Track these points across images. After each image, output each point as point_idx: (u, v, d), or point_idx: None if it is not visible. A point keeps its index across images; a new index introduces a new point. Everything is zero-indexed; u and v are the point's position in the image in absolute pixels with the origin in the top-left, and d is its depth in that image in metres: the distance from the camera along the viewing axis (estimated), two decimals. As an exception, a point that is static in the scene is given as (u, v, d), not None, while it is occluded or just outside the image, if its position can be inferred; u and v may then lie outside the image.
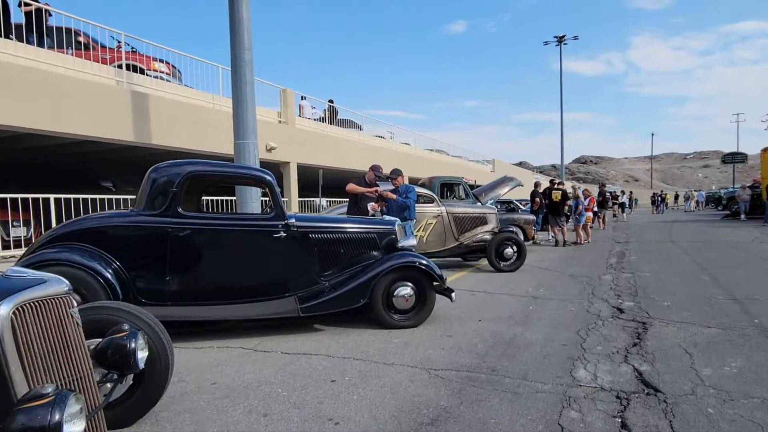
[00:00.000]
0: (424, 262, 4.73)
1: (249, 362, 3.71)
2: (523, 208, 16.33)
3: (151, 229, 4.14)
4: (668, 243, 12.94)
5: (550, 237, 13.45)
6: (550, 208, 12.93)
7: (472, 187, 13.49)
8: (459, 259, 9.60)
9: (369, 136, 19.48)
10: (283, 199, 14.25)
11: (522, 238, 11.26)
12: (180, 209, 4.17)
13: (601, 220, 19.41)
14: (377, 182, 6.76)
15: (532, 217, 12.31)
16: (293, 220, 4.49)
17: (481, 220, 8.78)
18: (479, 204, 10.67)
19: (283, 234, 4.44)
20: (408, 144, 23.60)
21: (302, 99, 16.90)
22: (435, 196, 8.60)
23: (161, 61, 11.41)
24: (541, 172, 62.07)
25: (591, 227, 14.77)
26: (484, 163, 33.95)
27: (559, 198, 12.68)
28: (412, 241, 5.00)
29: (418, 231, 8.14)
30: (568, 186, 20.09)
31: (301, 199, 14.61)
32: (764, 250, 10.55)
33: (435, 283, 4.73)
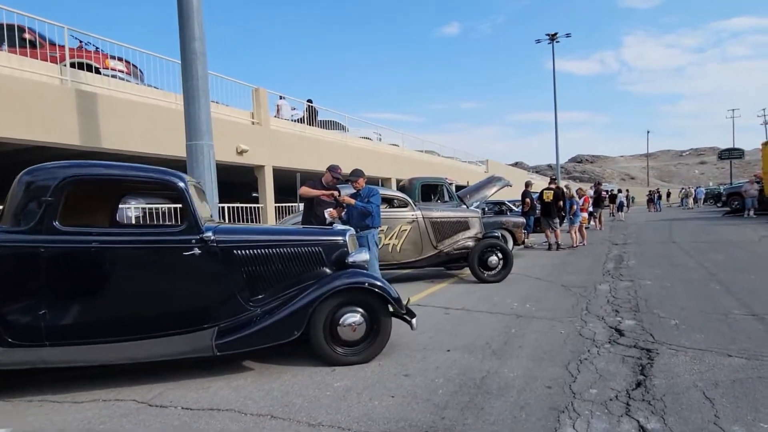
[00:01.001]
0: (378, 282, 3.85)
1: (131, 424, 2.81)
2: (516, 210, 15.48)
3: (19, 249, 3.24)
4: (669, 244, 12.07)
5: (545, 240, 12.57)
6: (542, 209, 12.04)
7: (459, 188, 12.61)
8: (442, 268, 8.73)
9: (352, 137, 18.55)
10: (258, 205, 13.31)
11: (510, 243, 10.42)
12: (57, 224, 3.28)
13: (597, 220, 18.55)
14: (336, 185, 5.86)
15: (522, 219, 11.42)
16: (210, 234, 3.60)
17: (463, 225, 7.88)
18: (464, 207, 9.80)
19: (197, 251, 3.55)
20: (397, 145, 22.68)
21: (281, 99, 16.02)
22: (409, 200, 7.67)
23: (118, 58, 10.52)
24: (537, 172, 61.27)
25: (587, 228, 13.89)
26: (478, 164, 33.04)
27: (551, 198, 11.78)
28: (365, 256, 4.11)
29: (390, 239, 7.24)
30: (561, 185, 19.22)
31: (278, 204, 13.73)
32: (774, 251, 9.71)
33: (391, 308, 3.87)
